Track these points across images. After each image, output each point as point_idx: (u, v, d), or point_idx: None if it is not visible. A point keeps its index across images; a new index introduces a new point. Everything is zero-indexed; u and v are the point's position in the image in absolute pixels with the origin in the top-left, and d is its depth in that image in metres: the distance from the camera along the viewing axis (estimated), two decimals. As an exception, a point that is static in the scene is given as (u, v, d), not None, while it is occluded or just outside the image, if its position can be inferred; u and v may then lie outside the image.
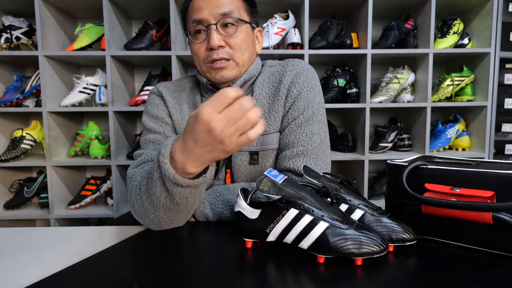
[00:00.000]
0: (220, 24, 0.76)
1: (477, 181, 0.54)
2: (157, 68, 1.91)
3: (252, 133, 0.50)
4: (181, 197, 0.58)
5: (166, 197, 0.59)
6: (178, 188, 0.56)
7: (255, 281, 0.47)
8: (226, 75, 0.78)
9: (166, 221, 0.65)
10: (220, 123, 0.48)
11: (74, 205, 1.72)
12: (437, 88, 1.81)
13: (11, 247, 0.62)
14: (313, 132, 0.78)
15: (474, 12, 1.79)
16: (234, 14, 0.76)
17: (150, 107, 0.86)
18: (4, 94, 1.71)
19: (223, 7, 0.75)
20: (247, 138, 0.50)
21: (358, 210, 0.57)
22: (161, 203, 0.61)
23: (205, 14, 0.75)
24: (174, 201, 0.60)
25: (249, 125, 0.49)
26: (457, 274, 0.48)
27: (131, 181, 0.73)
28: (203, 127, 0.48)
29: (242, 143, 0.50)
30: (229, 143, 0.49)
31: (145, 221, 0.68)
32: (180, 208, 0.62)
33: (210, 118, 0.48)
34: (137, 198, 0.66)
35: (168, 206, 0.61)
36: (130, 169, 0.77)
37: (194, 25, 0.77)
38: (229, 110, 0.48)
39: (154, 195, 0.60)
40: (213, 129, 0.48)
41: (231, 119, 0.48)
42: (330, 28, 1.73)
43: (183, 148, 0.53)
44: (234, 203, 0.74)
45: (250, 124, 0.49)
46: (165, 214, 0.63)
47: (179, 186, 0.56)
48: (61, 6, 1.73)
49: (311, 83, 0.81)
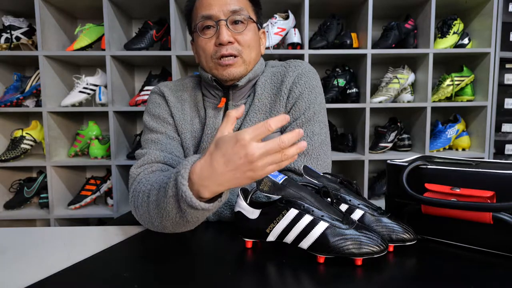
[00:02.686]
0: (230, 21, 0.76)
1: (477, 181, 0.54)
2: (157, 68, 1.91)
3: (284, 163, 0.50)
4: (193, 217, 0.57)
5: (177, 214, 0.58)
6: (191, 210, 0.54)
7: (255, 281, 0.47)
8: (233, 72, 0.78)
9: (170, 230, 0.64)
10: (259, 151, 0.48)
11: (74, 205, 1.71)
12: (437, 88, 1.81)
13: (11, 247, 0.62)
14: (314, 132, 0.78)
15: (474, 12, 1.79)
16: (243, 12, 0.77)
17: (151, 106, 0.86)
18: (4, 94, 1.71)
19: (233, 5, 0.76)
20: (277, 166, 0.50)
21: (358, 210, 0.57)
22: (171, 217, 0.59)
23: (215, 10, 0.75)
24: (185, 219, 0.58)
25: (284, 161, 0.49)
26: (457, 274, 0.48)
27: (134, 181, 0.72)
28: (241, 151, 0.48)
29: (270, 172, 0.50)
30: (259, 172, 0.49)
31: (147, 225, 0.67)
32: (189, 224, 0.61)
33: (251, 144, 0.48)
34: (144, 205, 0.64)
35: (177, 221, 0.59)
36: (134, 168, 0.75)
37: (203, 21, 0.77)
38: (270, 142, 0.48)
39: (165, 210, 0.59)
40: (251, 155, 0.47)
41: (269, 151, 0.48)
42: (330, 28, 1.73)
43: (207, 169, 0.51)
44: (234, 203, 0.74)
45: (286, 160, 0.49)
46: (171, 225, 0.61)
47: (193, 208, 0.54)
48: (61, 6, 1.73)
49: (312, 84, 0.81)
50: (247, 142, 0.48)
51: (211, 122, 0.82)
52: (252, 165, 0.48)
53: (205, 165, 0.51)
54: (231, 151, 0.49)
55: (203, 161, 0.52)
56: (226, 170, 0.50)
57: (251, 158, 0.48)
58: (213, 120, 0.82)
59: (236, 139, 0.49)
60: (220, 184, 0.51)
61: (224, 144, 0.50)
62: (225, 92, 0.83)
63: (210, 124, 0.82)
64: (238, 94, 0.84)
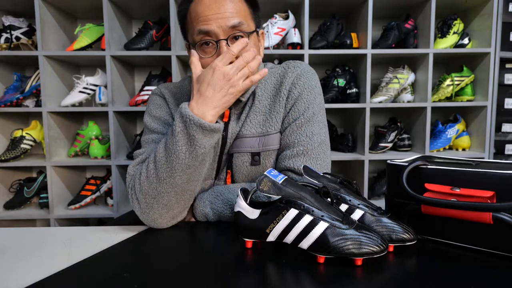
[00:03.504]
0: (230, 39, 0.73)
1: (477, 181, 0.54)
2: (157, 68, 1.91)
3: (254, 77, 0.69)
4: (201, 145, 0.66)
5: (187, 151, 0.66)
6: (199, 134, 0.65)
7: (255, 281, 0.47)
8: None
9: (177, 193, 0.69)
10: (231, 69, 0.66)
11: (74, 205, 1.71)
12: (437, 88, 1.81)
13: (11, 247, 0.62)
14: (313, 132, 0.78)
15: (474, 12, 1.79)
16: (243, 26, 0.73)
17: (152, 107, 0.86)
18: (4, 94, 1.71)
19: (232, 19, 0.72)
20: (250, 81, 0.68)
21: (358, 210, 0.57)
22: (181, 159, 0.66)
23: (213, 26, 0.71)
24: (194, 153, 0.66)
25: (251, 72, 0.69)
26: (457, 274, 0.48)
27: (132, 178, 0.74)
28: (219, 74, 0.66)
29: (247, 85, 0.68)
30: (238, 86, 0.67)
31: (152, 205, 0.69)
32: (195, 166, 0.68)
33: (224, 67, 0.66)
34: (148, 175, 0.69)
35: (187, 162, 0.67)
36: (131, 167, 0.77)
37: (201, 36, 0.73)
38: (236, 61, 0.67)
39: (175, 153, 0.66)
40: (227, 73, 0.66)
41: (238, 67, 0.67)
42: (330, 28, 1.73)
43: (200, 99, 0.67)
44: (234, 202, 0.74)
45: (252, 71, 0.69)
46: (180, 178, 0.68)
47: (201, 129, 0.65)
48: (61, 6, 1.73)
49: (311, 85, 0.81)
50: (221, 66, 0.66)
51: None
52: (230, 81, 0.66)
53: (197, 97, 0.67)
54: (212, 77, 0.66)
55: (194, 97, 0.68)
56: (214, 93, 0.66)
57: (228, 76, 0.66)
58: None
59: (212, 68, 0.67)
60: (215, 106, 0.67)
61: (205, 76, 0.67)
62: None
63: None
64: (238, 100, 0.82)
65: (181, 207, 0.72)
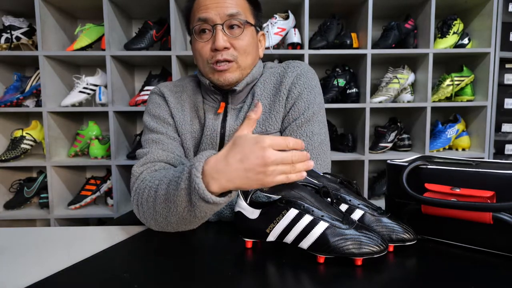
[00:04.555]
0: (226, 25, 0.75)
1: (477, 181, 0.54)
2: (157, 68, 1.91)
3: (292, 177, 0.53)
4: (201, 211, 0.58)
5: (185, 208, 0.59)
6: (202, 203, 0.56)
7: (255, 281, 0.47)
8: (228, 77, 0.78)
9: (173, 227, 0.65)
10: (274, 156, 0.51)
11: (74, 205, 1.71)
12: (437, 88, 1.81)
13: (11, 247, 0.62)
14: (313, 132, 0.79)
15: (474, 12, 1.79)
16: (241, 16, 0.76)
17: (151, 106, 0.86)
18: (4, 94, 1.71)
19: (230, 8, 0.75)
20: (286, 178, 0.52)
21: (358, 210, 0.57)
22: (179, 212, 0.60)
23: (211, 14, 0.74)
24: (193, 213, 0.59)
25: (293, 173, 0.53)
26: (457, 274, 0.48)
27: (137, 180, 0.72)
28: (259, 152, 0.51)
29: (279, 181, 0.52)
30: (269, 177, 0.52)
31: (149, 222, 0.67)
32: (195, 221, 0.62)
33: (269, 148, 0.51)
34: (150, 200, 0.65)
35: (184, 216, 0.61)
36: (136, 167, 0.75)
37: (199, 24, 0.76)
38: (286, 153, 0.52)
39: (174, 204, 0.60)
40: (268, 157, 0.51)
41: (283, 160, 0.52)
42: (330, 28, 1.73)
43: (222, 162, 0.54)
44: (234, 203, 0.74)
45: (294, 173, 0.53)
46: (176, 221, 0.63)
47: (204, 201, 0.55)
48: (61, 6, 1.73)
49: (311, 84, 0.81)
50: (266, 145, 0.51)
51: (211, 124, 0.82)
52: (265, 168, 0.51)
53: (220, 158, 0.54)
54: (249, 150, 0.52)
55: (219, 154, 0.55)
56: (240, 166, 0.52)
57: (266, 160, 0.51)
58: (212, 122, 0.83)
59: (256, 140, 0.52)
60: (230, 180, 0.53)
61: (244, 142, 0.53)
62: (224, 96, 0.84)
63: (209, 126, 0.82)
64: (237, 98, 0.84)
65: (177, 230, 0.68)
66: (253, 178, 0.52)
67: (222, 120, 0.82)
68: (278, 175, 0.52)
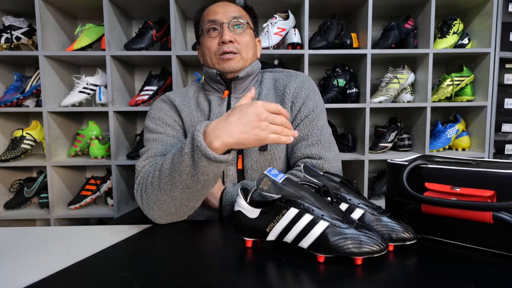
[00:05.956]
0: (231, 24, 0.89)
1: (477, 180, 0.54)
2: (157, 68, 1.91)
3: (283, 139, 0.64)
4: (203, 173, 0.65)
5: (189, 173, 0.66)
6: (204, 162, 0.63)
7: (255, 280, 0.47)
8: (233, 65, 0.88)
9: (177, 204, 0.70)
10: (267, 114, 0.63)
11: (74, 205, 1.71)
12: (437, 88, 1.81)
13: (11, 247, 0.62)
14: (323, 126, 0.90)
15: (474, 12, 1.79)
16: (243, 18, 0.90)
17: (152, 111, 0.93)
18: (4, 94, 1.71)
19: (234, 13, 0.90)
20: (278, 138, 0.64)
21: (358, 209, 0.57)
22: (183, 180, 0.67)
23: (219, 16, 0.88)
24: (195, 177, 0.66)
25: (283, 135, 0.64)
26: (457, 274, 0.48)
27: (140, 173, 0.78)
28: (254, 109, 0.62)
29: (272, 139, 0.63)
30: (263, 133, 0.62)
31: (153, 209, 0.72)
32: (196, 189, 0.68)
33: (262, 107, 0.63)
34: (154, 181, 0.71)
35: (188, 184, 0.67)
36: (139, 162, 0.81)
37: (209, 24, 0.89)
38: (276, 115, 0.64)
39: (178, 172, 0.66)
40: (262, 113, 0.62)
41: (274, 120, 0.63)
42: (330, 28, 1.73)
43: (222, 122, 0.64)
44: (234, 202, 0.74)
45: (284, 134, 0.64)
46: (180, 195, 0.69)
47: (206, 159, 0.62)
48: (61, 6, 1.73)
49: (315, 89, 0.94)
50: (260, 105, 0.63)
51: (217, 110, 0.90)
52: (260, 122, 0.62)
53: (221, 120, 0.65)
54: (246, 109, 0.63)
55: (220, 118, 0.65)
56: (238, 122, 0.63)
57: (261, 116, 0.62)
58: (218, 108, 0.91)
59: (251, 103, 0.64)
60: (231, 135, 0.62)
61: (242, 106, 0.64)
62: (228, 86, 0.93)
63: (215, 112, 0.90)
64: (239, 88, 0.93)
65: (180, 216, 0.74)
66: (250, 133, 0.62)
67: (226, 108, 0.91)
68: (271, 133, 0.63)
